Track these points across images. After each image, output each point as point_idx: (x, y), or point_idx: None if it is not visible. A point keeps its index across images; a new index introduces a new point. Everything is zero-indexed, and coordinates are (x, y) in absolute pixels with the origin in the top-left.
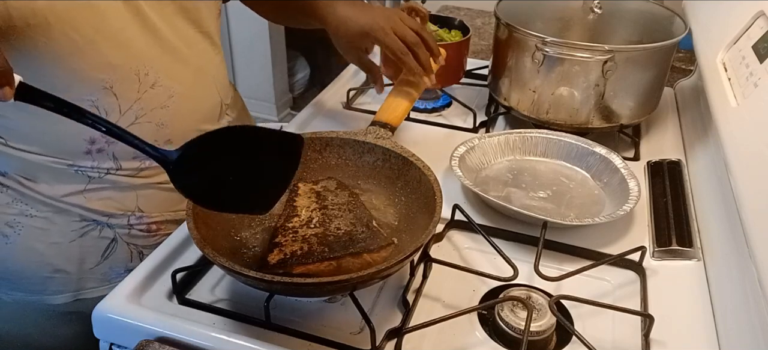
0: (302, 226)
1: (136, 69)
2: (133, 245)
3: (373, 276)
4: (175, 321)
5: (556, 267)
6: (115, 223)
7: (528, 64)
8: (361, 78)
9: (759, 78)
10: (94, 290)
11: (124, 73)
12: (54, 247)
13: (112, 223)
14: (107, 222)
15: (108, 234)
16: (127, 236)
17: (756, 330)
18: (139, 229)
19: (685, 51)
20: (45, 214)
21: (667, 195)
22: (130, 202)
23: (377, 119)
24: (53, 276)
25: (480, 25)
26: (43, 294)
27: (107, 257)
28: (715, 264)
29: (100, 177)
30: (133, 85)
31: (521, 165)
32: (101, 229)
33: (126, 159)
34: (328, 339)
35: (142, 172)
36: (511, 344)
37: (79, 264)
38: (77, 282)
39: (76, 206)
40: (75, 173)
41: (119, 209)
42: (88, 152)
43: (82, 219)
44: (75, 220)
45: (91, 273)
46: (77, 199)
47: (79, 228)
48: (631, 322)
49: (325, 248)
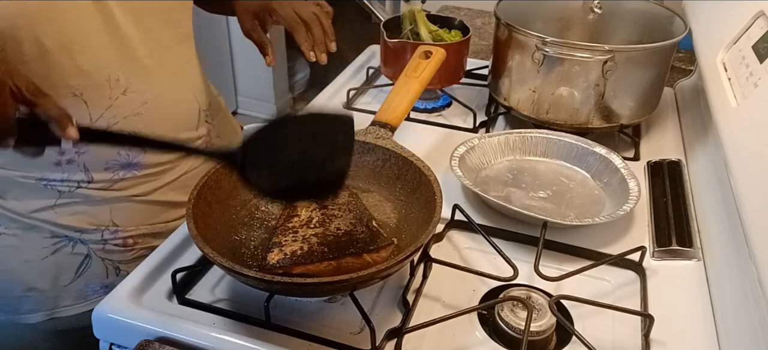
0: (302, 226)
1: (107, 74)
2: (108, 261)
3: (373, 275)
4: (175, 321)
5: (556, 267)
6: (89, 238)
7: (528, 64)
8: (361, 78)
9: (759, 78)
10: (70, 308)
11: (94, 79)
12: (26, 265)
13: (85, 238)
14: (80, 238)
15: (81, 250)
16: (101, 252)
17: (756, 330)
18: (114, 244)
19: (685, 51)
20: (14, 231)
21: (667, 195)
22: (103, 216)
23: (377, 119)
24: (27, 295)
25: (480, 25)
26: (17, 313)
27: (82, 274)
28: (715, 264)
29: (70, 191)
30: (104, 91)
31: (521, 165)
32: (74, 245)
33: (98, 171)
34: (328, 339)
35: (115, 184)
36: (511, 344)
37: (54, 282)
38: (52, 299)
39: (46, 222)
40: (44, 187)
41: (92, 224)
42: (58, 164)
43: (53, 235)
44: (46, 236)
45: (65, 291)
46: (47, 215)
47: (50, 245)
48: (631, 322)
49: (324, 248)
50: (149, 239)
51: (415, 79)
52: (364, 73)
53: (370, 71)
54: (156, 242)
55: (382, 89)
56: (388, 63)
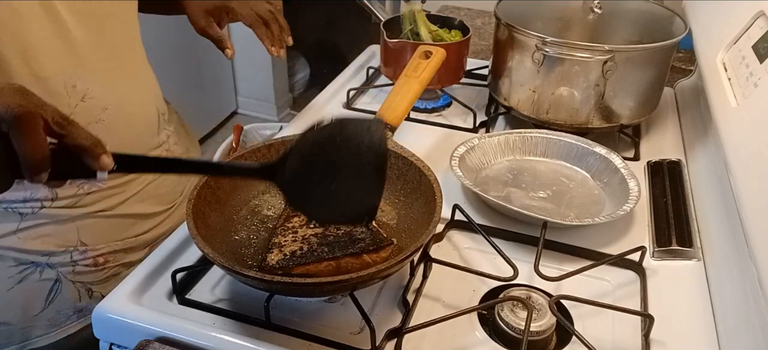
0: (302, 226)
1: (64, 81)
2: (79, 284)
3: (373, 275)
4: (175, 321)
5: (556, 267)
6: (57, 262)
7: (528, 64)
8: (361, 78)
9: (759, 78)
10: (43, 338)
11: (51, 86)
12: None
13: (53, 262)
14: (47, 262)
15: (50, 275)
16: (71, 275)
17: (756, 330)
18: (84, 265)
19: (685, 51)
20: None
21: (667, 195)
22: (70, 236)
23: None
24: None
25: (480, 25)
26: None
27: (52, 301)
28: (715, 264)
29: (34, 213)
30: (63, 99)
31: (521, 165)
32: (41, 271)
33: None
34: (328, 339)
35: (81, 200)
36: (511, 344)
37: (23, 312)
38: (22, 332)
39: (9, 250)
40: (5, 211)
41: (59, 246)
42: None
43: (19, 263)
44: (11, 265)
45: (36, 320)
46: (10, 241)
47: (16, 273)
48: (631, 322)
49: (324, 248)
50: (121, 255)
51: (415, 79)
52: (364, 73)
53: (370, 71)
54: (128, 258)
55: (382, 89)
56: (388, 63)
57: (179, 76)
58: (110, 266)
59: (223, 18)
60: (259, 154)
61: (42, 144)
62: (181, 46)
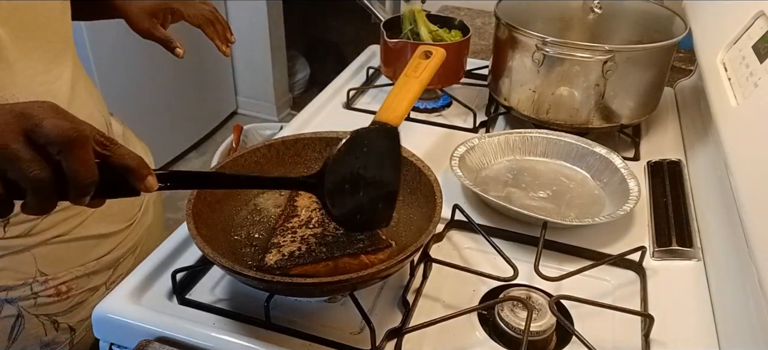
0: (301, 226)
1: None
2: (43, 317)
3: (373, 276)
4: (175, 321)
5: (556, 267)
6: (16, 296)
7: (528, 64)
8: (361, 78)
9: (759, 78)
10: None
11: None
12: None
13: (12, 297)
14: (6, 298)
15: (10, 312)
16: (33, 308)
17: (756, 330)
18: (46, 296)
19: (685, 51)
20: None
21: (667, 195)
22: (27, 267)
23: (377, 119)
24: None
25: (480, 25)
26: None
27: (16, 338)
28: (715, 263)
29: None
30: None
31: (521, 165)
32: (1, 307)
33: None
34: (328, 339)
35: (35, 227)
36: (511, 344)
37: None
38: None
39: None
40: None
41: (17, 279)
42: None
43: None
44: None
45: None
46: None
47: None
48: (631, 322)
49: (322, 249)
50: (84, 280)
51: (415, 80)
52: (364, 73)
53: (370, 71)
54: (92, 282)
55: (382, 89)
56: (388, 63)
57: (179, 76)
58: (74, 293)
59: (167, 19)
60: (259, 154)
61: (93, 168)
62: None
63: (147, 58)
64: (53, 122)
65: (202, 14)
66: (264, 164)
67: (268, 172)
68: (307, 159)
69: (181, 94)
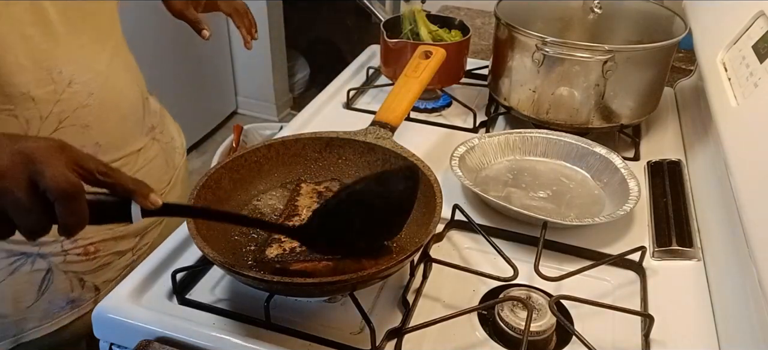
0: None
1: (48, 67)
2: (71, 274)
3: (373, 275)
4: (175, 321)
5: (556, 267)
6: (48, 252)
7: (528, 64)
8: (361, 78)
9: (759, 78)
10: (36, 330)
11: (37, 74)
12: None
13: (44, 252)
14: (38, 252)
15: (41, 266)
16: (63, 265)
17: (756, 330)
18: (75, 254)
19: (685, 51)
20: None
21: (667, 195)
22: None
23: (377, 119)
24: None
25: (480, 25)
26: None
27: (45, 292)
28: (715, 263)
29: None
30: (49, 86)
31: (521, 165)
32: (33, 261)
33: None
34: (328, 339)
35: None
36: (511, 344)
37: (15, 305)
38: (15, 324)
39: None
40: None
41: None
42: None
43: (10, 255)
44: (2, 257)
45: (29, 312)
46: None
47: (7, 265)
48: (631, 322)
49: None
50: (111, 244)
51: (415, 80)
52: (364, 73)
53: (370, 71)
54: (118, 247)
55: (382, 89)
56: (388, 63)
57: (179, 76)
58: (101, 255)
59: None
60: (259, 154)
61: (84, 217)
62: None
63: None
64: (53, 173)
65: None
66: (264, 164)
67: (268, 172)
68: (306, 159)
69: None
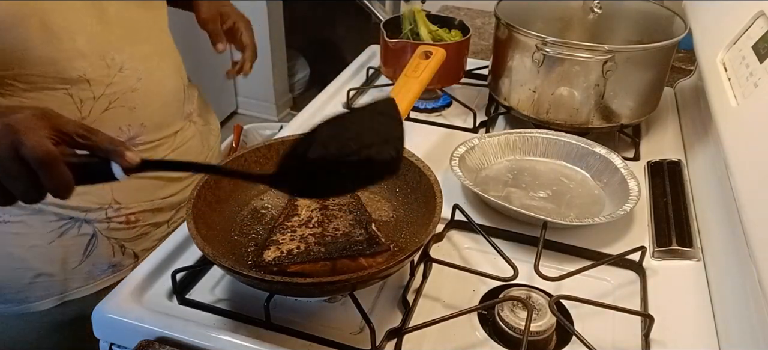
0: (301, 225)
1: (102, 54)
2: (114, 240)
3: (373, 276)
4: (175, 321)
5: (556, 267)
6: (93, 218)
7: (528, 64)
8: (361, 78)
9: (759, 78)
10: (80, 290)
11: (93, 60)
12: (34, 250)
13: (90, 218)
14: (85, 218)
15: (87, 230)
16: (106, 231)
17: (756, 330)
18: (118, 222)
19: (685, 51)
20: (19, 217)
21: (667, 195)
22: (105, 195)
23: None
24: (36, 281)
25: (480, 25)
26: (26, 302)
27: (89, 255)
28: (715, 263)
29: None
30: (103, 70)
31: (521, 165)
32: (80, 226)
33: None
34: (328, 339)
35: None
36: (511, 344)
37: (62, 265)
38: (61, 283)
39: (51, 205)
40: None
41: (96, 204)
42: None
43: (59, 218)
44: (52, 220)
45: (74, 273)
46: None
47: (57, 228)
48: (631, 322)
49: (321, 249)
50: (150, 215)
51: (415, 80)
52: (364, 73)
53: (370, 71)
54: (156, 218)
55: (382, 89)
56: (388, 63)
57: None
58: (141, 225)
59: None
60: (259, 154)
61: (65, 179)
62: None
63: None
64: (32, 142)
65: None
66: (264, 163)
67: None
68: None
69: None
